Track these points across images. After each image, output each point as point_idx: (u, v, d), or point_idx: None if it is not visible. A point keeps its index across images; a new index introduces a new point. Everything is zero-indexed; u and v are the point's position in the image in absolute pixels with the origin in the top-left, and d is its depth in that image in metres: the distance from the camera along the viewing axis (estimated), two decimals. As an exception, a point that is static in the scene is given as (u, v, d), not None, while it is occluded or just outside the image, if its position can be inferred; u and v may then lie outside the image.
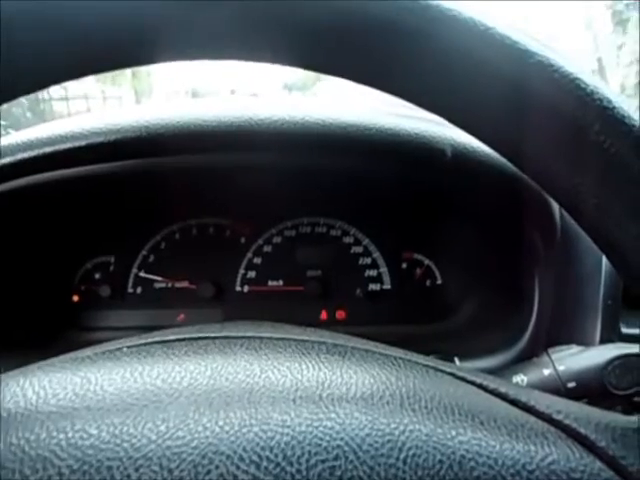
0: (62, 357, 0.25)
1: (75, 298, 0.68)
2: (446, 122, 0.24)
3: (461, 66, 0.21)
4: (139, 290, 0.68)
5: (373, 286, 0.67)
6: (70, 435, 0.18)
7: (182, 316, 0.67)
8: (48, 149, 0.47)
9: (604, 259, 0.51)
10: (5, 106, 0.23)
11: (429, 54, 0.21)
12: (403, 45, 0.21)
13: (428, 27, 0.21)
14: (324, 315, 0.67)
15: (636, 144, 0.20)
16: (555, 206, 0.49)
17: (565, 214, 0.49)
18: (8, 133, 0.71)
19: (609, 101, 0.20)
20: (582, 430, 0.21)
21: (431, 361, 0.26)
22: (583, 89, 0.20)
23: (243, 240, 0.68)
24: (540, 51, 0.21)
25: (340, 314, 0.67)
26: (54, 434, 0.18)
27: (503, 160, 0.25)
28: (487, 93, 0.22)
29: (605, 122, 0.20)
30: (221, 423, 0.19)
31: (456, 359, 0.51)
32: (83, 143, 0.47)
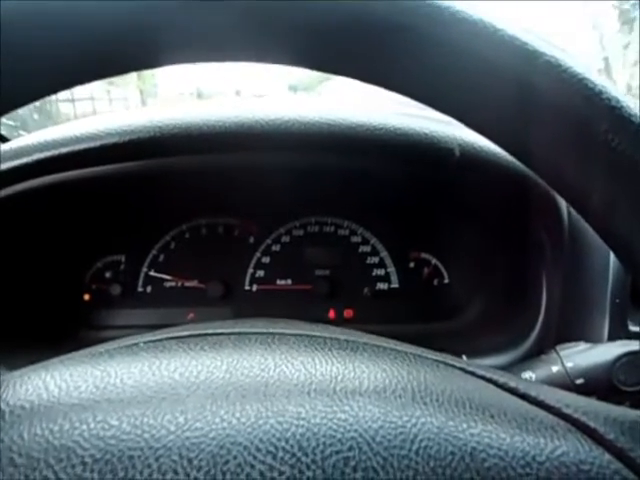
0: (81, 352, 0.26)
1: (86, 297, 0.69)
2: (454, 121, 0.25)
3: (470, 66, 0.22)
4: (149, 289, 0.69)
5: (381, 285, 0.68)
6: (92, 426, 0.18)
7: (192, 315, 0.68)
8: (62, 150, 0.47)
9: (612, 257, 0.51)
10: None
11: (438, 55, 0.22)
12: (412, 46, 0.21)
13: (438, 28, 0.21)
14: (332, 314, 0.67)
15: None
16: (563, 205, 0.49)
17: (573, 212, 0.49)
18: (19, 134, 0.72)
19: (617, 100, 0.20)
20: (591, 423, 0.21)
21: (441, 356, 0.27)
22: (591, 89, 0.21)
23: (252, 240, 0.69)
24: (548, 51, 0.21)
25: (348, 313, 0.67)
26: (77, 425, 0.18)
27: (511, 159, 0.25)
28: (496, 93, 0.22)
29: (613, 121, 0.20)
30: (238, 415, 0.19)
31: (464, 357, 0.51)
32: (96, 144, 0.47)
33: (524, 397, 0.23)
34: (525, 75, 0.21)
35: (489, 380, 0.25)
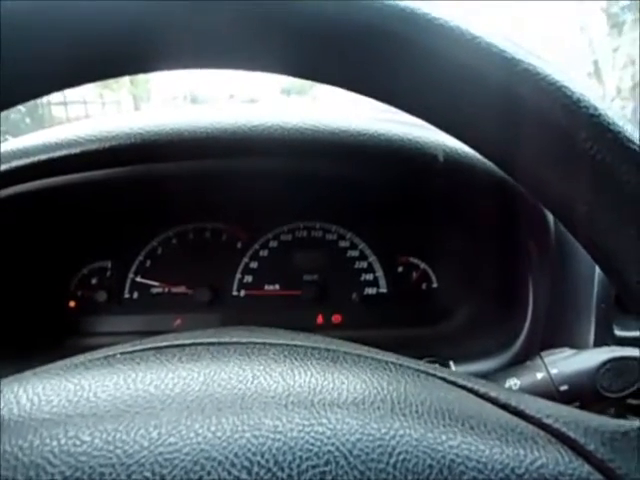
0: (56, 364, 0.25)
1: (72, 304, 0.68)
2: None
3: (448, 74, 0.21)
4: (136, 295, 0.68)
5: (369, 290, 0.68)
6: (63, 442, 0.18)
7: (179, 321, 0.67)
8: (44, 156, 0.47)
9: None
10: (3, 112, 0.23)
11: (416, 62, 0.21)
12: (390, 53, 0.21)
13: (414, 35, 0.21)
14: (320, 319, 0.67)
15: (623, 151, 0.20)
16: None
17: (559, 217, 0.49)
18: (6, 139, 0.71)
19: (595, 108, 0.20)
20: (571, 434, 0.21)
21: (422, 365, 0.27)
22: (569, 97, 0.20)
23: (239, 245, 0.68)
24: (526, 59, 0.21)
25: (336, 318, 0.67)
26: (47, 441, 0.18)
27: None
28: (474, 101, 0.22)
29: (592, 129, 0.20)
30: (213, 429, 0.19)
31: (451, 363, 0.51)
32: (79, 150, 0.47)
33: (505, 407, 0.23)
34: (503, 83, 0.21)
35: (470, 390, 0.25)
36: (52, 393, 0.21)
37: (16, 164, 0.47)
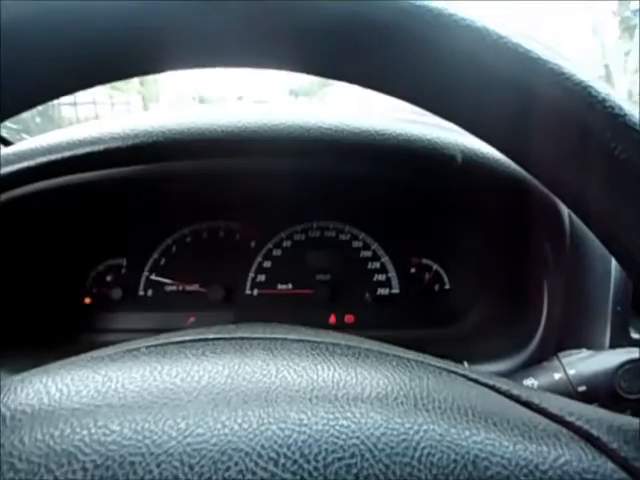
0: (83, 356, 0.26)
1: (87, 300, 0.69)
2: (457, 128, 0.25)
3: (473, 73, 0.22)
4: (150, 293, 0.69)
5: (382, 290, 0.68)
6: (93, 431, 0.18)
7: (192, 319, 0.68)
8: (65, 154, 0.48)
9: (613, 264, 0.51)
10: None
11: (441, 61, 0.22)
12: (415, 52, 0.22)
13: (440, 35, 0.21)
14: (333, 319, 0.67)
15: None
16: (565, 211, 0.49)
17: (574, 219, 0.49)
18: (22, 137, 0.72)
19: (620, 108, 0.21)
20: (594, 432, 0.21)
21: (444, 363, 0.27)
22: (595, 96, 0.21)
23: (253, 244, 0.69)
24: (552, 59, 0.21)
25: (349, 318, 0.67)
26: (78, 430, 0.18)
27: (513, 166, 0.25)
28: (499, 100, 0.22)
29: (616, 129, 0.20)
30: (239, 421, 0.19)
31: (465, 363, 0.51)
32: (99, 148, 0.47)
33: (527, 405, 0.23)
34: (528, 82, 0.21)
35: (492, 387, 0.25)
36: (80, 384, 0.21)
37: (37, 161, 0.48)
